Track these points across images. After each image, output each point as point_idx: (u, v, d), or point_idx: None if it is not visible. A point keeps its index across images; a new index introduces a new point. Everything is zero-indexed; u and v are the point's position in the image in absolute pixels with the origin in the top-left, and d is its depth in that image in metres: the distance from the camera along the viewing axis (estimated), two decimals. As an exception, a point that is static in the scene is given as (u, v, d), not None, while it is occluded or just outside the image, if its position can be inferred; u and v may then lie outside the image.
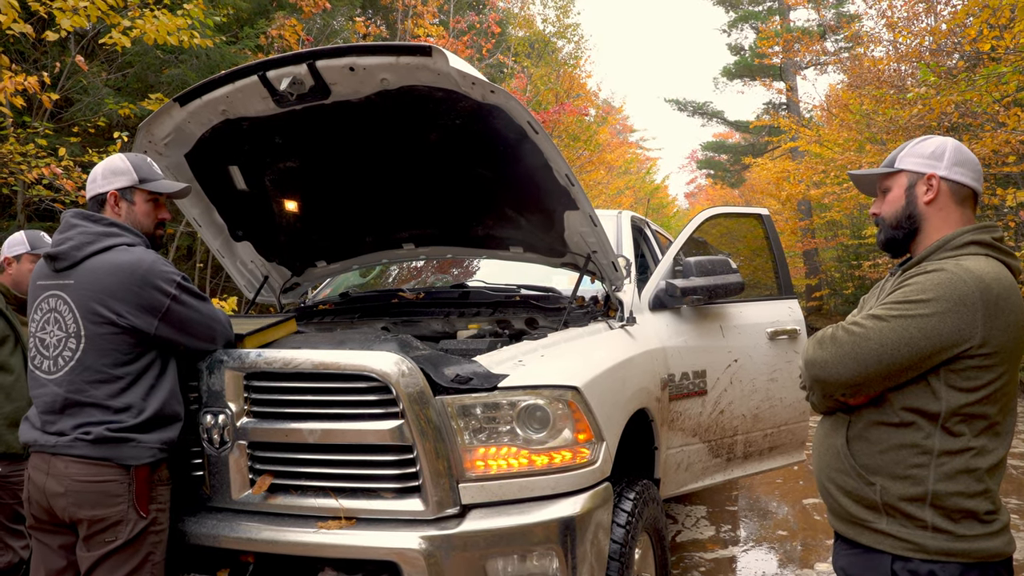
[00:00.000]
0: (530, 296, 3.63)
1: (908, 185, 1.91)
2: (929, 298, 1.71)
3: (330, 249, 4.04)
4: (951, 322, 1.68)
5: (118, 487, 2.24)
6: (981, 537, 1.72)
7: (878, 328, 1.73)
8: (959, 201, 1.88)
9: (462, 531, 2.33)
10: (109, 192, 2.47)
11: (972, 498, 1.72)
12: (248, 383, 2.54)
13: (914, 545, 1.74)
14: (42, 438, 2.29)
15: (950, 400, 1.72)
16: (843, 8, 23.61)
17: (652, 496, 3.03)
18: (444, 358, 2.58)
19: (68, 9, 5.65)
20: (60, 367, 2.29)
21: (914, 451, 1.75)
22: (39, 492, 2.28)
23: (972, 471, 1.72)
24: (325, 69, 2.83)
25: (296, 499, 2.50)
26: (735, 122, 31.29)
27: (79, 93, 7.58)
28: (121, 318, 2.26)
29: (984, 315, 1.68)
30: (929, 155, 1.90)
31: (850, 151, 15.59)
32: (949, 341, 1.69)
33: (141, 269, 2.30)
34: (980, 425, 1.73)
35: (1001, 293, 1.70)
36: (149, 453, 2.29)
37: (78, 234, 2.35)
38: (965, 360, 1.70)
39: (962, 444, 1.72)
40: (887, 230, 1.97)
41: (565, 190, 3.06)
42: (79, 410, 2.26)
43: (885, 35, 13.36)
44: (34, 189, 6.54)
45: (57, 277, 2.34)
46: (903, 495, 1.75)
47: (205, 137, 3.25)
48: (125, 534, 2.25)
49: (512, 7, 18.55)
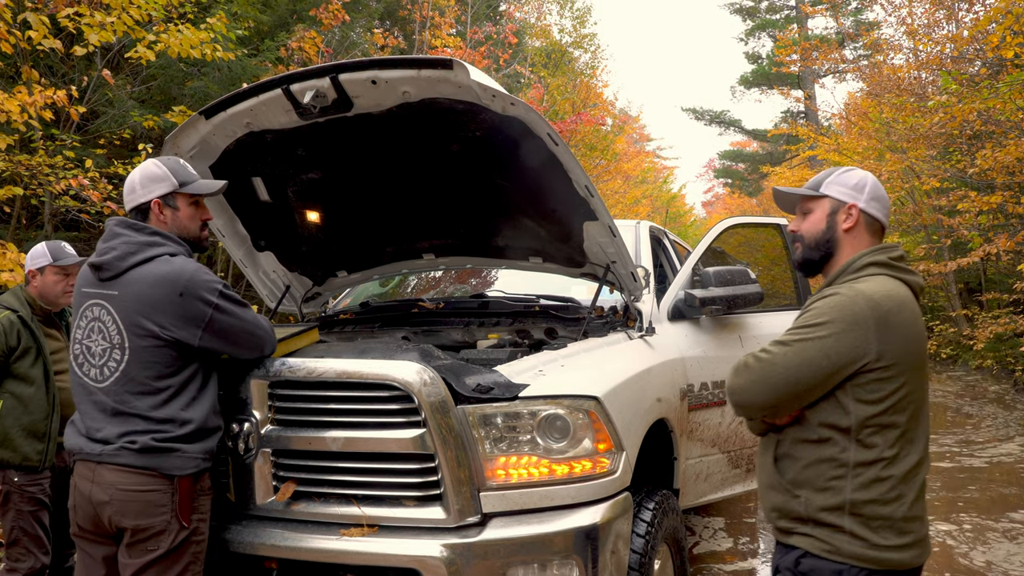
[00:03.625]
0: (549, 306, 3.65)
1: (831, 211, 2.06)
2: (825, 321, 1.85)
3: (351, 259, 4.08)
4: (847, 341, 1.82)
5: (162, 497, 2.25)
6: (894, 548, 1.83)
7: (782, 353, 1.88)
8: (871, 232, 2.04)
9: (483, 539, 2.35)
10: (152, 201, 2.47)
11: (887, 505, 1.83)
12: (272, 391, 2.59)
13: (831, 547, 1.86)
14: (88, 446, 2.30)
15: (859, 412, 1.84)
16: (862, 16, 23.50)
17: (671, 506, 3.04)
18: (465, 368, 2.60)
19: (96, 24, 5.77)
20: (107, 376, 2.31)
21: (832, 464, 1.87)
22: (85, 500, 2.29)
23: (885, 479, 1.83)
24: (348, 82, 2.88)
25: (319, 506, 2.54)
26: (753, 131, 31.19)
27: (105, 106, 7.71)
28: (165, 330, 2.28)
29: (876, 331, 1.82)
30: (852, 186, 2.05)
31: (869, 159, 15.48)
32: (847, 358, 1.82)
33: (183, 280, 2.31)
34: (893, 434, 1.84)
35: (891, 309, 1.84)
36: (193, 463, 2.30)
37: (122, 243, 2.37)
38: (866, 374, 1.83)
39: (875, 455, 1.84)
40: (806, 250, 2.10)
41: (584, 201, 3.08)
42: (125, 419, 2.28)
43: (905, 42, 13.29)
44: (61, 200, 6.65)
45: (101, 286, 2.36)
46: (823, 506, 1.87)
47: (229, 149, 3.31)
48: (167, 544, 2.26)
49: (529, 17, 18.66)
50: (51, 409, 3.29)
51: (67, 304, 3.45)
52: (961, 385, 12.51)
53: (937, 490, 6.27)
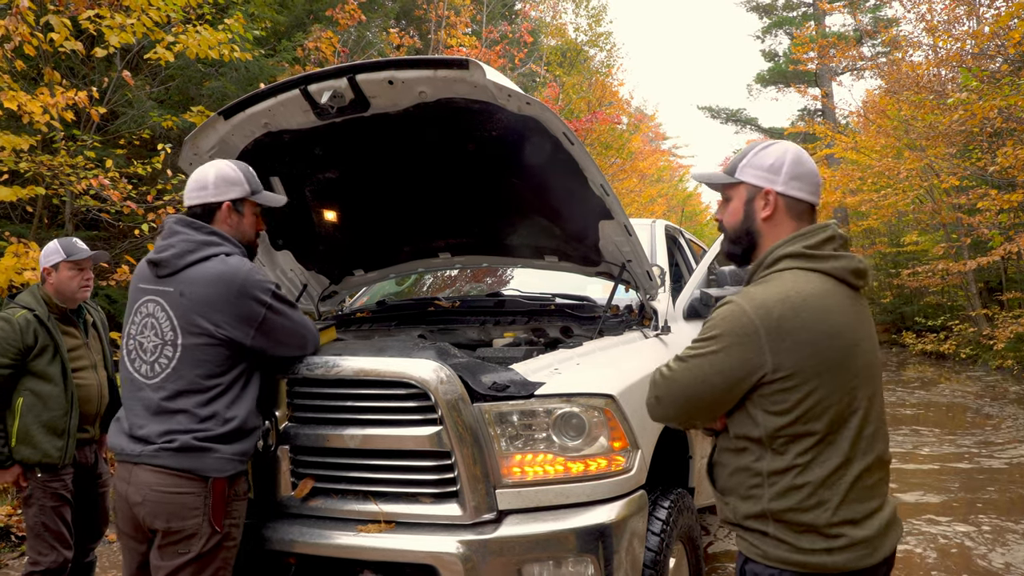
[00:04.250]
0: (565, 305, 3.65)
1: (747, 199, 1.89)
2: (715, 335, 1.75)
3: (368, 258, 4.11)
4: (736, 355, 1.71)
5: (195, 499, 2.26)
6: (820, 552, 1.73)
7: (680, 369, 1.81)
8: (795, 216, 1.86)
9: (499, 536, 2.37)
10: (224, 203, 2.52)
11: (808, 512, 1.73)
12: (291, 389, 2.61)
13: (760, 551, 1.80)
14: (128, 446, 2.32)
15: (767, 424, 1.74)
16: (880, 12, 23.30)
17: (687, 505, 3.03)
18: (481, 366, 2.62)
19: (116, 26, 5.84)
20: (157, 373, 2.33)
21: (749, 474, 1.80)
22: (123, 501, 2.32)
23: (801, 487, 1.73)
24: (365, 83, 2.90)
25: (337, 503, 2.56)
26: (769, 129, 30.98)
27: (124, 106, 7.80)
28: (219, 329, 2.30)
29: (768, 342, 1.69)
30: (767, 168, 1.86)
31: (888, 157, 15.37)
32: (740, 373, 1.72)
33: (239, 279, 2.34)
34: (808, 442, 1.73)
35: (784, 314, 1.69)
36: (230, 465, 2.31)
37: (180, 241, 2.39)
38: (767, 386, 1.71)
39: (787, 463, 1.74)
40: (728, 243, 1.98)
41: (600, 200, 3.09)
42: (169, 417, 2.29)
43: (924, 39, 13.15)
44: (82, 199, 6.74)
45: (158, 283, 2.38)
46: (748, 513, 1.81)
47: (248, 149, 3.33)
48: (198, 547, 2.27)
49: (544, 16, 18.64)
50: (70, 406, 3.34)
51: (84, 299, 3.49)
52: (981, 385, 12.39)
53: (955, 491, 6.22)
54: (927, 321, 17.40)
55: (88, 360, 3.51)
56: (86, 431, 3.47)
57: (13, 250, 5.32)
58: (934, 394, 11.80)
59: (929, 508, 5.76)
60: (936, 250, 15.48)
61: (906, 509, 5.73)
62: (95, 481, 3.57)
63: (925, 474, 6.86)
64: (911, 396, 11.59)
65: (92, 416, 3.49)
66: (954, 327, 15.77)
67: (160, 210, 6.92)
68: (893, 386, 12.63)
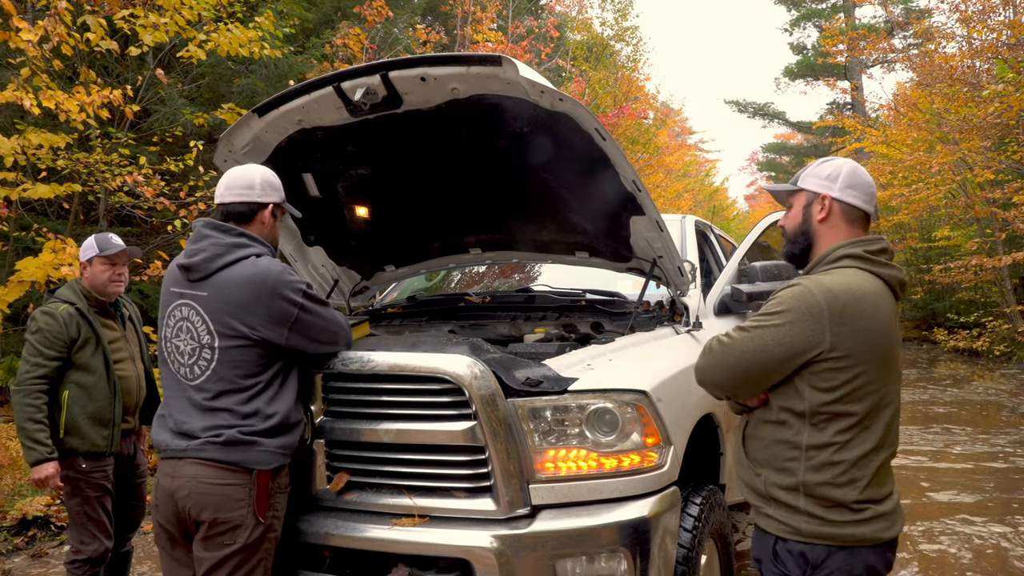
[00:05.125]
0: (595, 300, 3.65)
1: (806, 204, 2.11)
2: (782, 310, 1.93)
3: (399, 254, 4.14)
4: (799, 330, 1.89)
5: (240, 491, 2.29)
6: (849, 523, 1.90)
7: (740, 338, 1.98)
8: (849, 220, 2.06)
9: (533, 531, 2.37)
10: (269, 205, 2.58)
11: (839, 488, 1.90)
12: (326, 383, 2.64)
13: (791, 528, 1.95)
14: (172, 442, 2.36)
15: (812, 399, 1.91)
16: (912, 3, 22.88)
17: (718, 501, 3.02)
18: (514, 361, 2.63)
19: (149, 25, 5.93)
20: (197, 375, 2.37)
21: (787, 446, 1.96)
22: (167, 497, 2.35)
23: (837, 463, 1.90)
24: (398, 79, 2.91)
25: (371, 496, 2.59)
26: (797, 123, 30.64)
27: (157, 104, 7.93)
28: (254, 331, 2.34)
29: (831, 323, 1.87)
30: (825, 177, 2.08)
31: (919, 151, 15.11)
32: (799, 347, 1.89)
33: (271, 280, 2.36)
34: (847, 422, 1.90)
35: (848, 303, 1.88)
36: (273, 458, 2.35)
37: (210, 245, 2.42)
38: (820, 363, 1.89)
39: (826, 439, 1.91)
40: (787, 244, 2.17)
41: (632, 195, 3.08)
42: (213, 414, 2.33)
43: (958, 30, 12.91)
44: (116, 196, 6.86)
45: (190, 287, 2.42)
46: (780, 484, 1.97)
47: (281, 146, 3.37)
48: (243, 538, 2.30)
49: (570, 11, 18.58)
50: (113, 396, 3.41)
51: (116, 293, 3.54)
52: (1016, 383, 12.15)
53: (991, 491, 6.12)
54: (959, 318, 17.10)
55: (127, 352, 3.58)
56: (127, 421, 3.55)
57: (51, 246, 5.44)
58: (967, 392, 11.60)
59: (963, 508, 5.67)
60: (969, 245, 15.19)
61: (939, 508, 5.65)
62: (133, 471, 3.65)
63: (958, 473, 6.76)
64: (943, 394, 11.41)
65: (132, 407, 3.57)
66: (987, 324, 15.48)
67: (192, 206, 7.03)
68: (924, 383, 12.44)
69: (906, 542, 4.85)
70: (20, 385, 3.26)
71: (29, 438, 3.22)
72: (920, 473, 6.72)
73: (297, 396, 2.48)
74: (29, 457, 3.24)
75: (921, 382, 12.58)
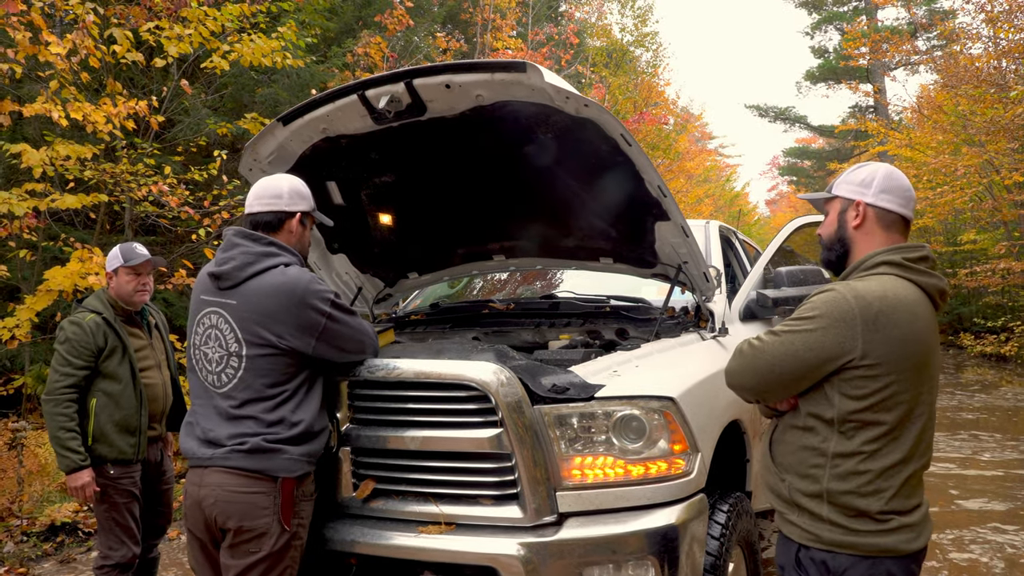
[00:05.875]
0: (620, 307, 3.63)
1: (840, 210, 2.09)
2: (814, 315, 1.90)
3: (422, 261, 4.14)
4: (832, 336, 1.86)
5: (265, 499, 2.30)
6: (872, 533, 1.87)
7: (772, 342, 1.96)
8: (885, 226, 2.03)
9: (560, 539, 2.36)
10: (297, 213, 2.59)
11: (864, 497, 1.87)
12: (352, 391, 2.65)
13: (813, 536, 1.93)
14: (199, 450, 2.38)
15: (842, 407, 1.88)
16: (935, 5, 22.64)
17: (745, 509, 2.99)
18: (540, 368, 2.62)
19: (174, 37, 6.01)
20: (224, 383, 2.39)
21: (814, 453, 1.94)
22: (194, 505, 2.37)
23: (862, 473, 1.87)
24: (422, 87, 2.92)
25: (397, 504, 2.59)
26: (819, 127, 30.38)
27: (181, 115, 8.01)
28: (282, 340, 2.35)
29: (863, 330, 1.84)
30: (859, 183, 2.06)
31: (944, 154, 14.92)
32: (831, 353, 1.86)
33: (299, 290, 2.37)
34: (876, 431, 1.87)
35: (883, 310, 1.84)
36: (298, 466, 2.35)
37: (240, 254, 2.44)
38: (852, 371, 1.86)
39: (853, 448, 1.88)
40: (824, 250, 2.15)
41: (657, 201, 3.06)
42: (239, 422, 2.35)
43: (984, 31, 12.74)
44: (141, 205, 6.94)
45: (220, 295, 2.43)
46: (804, 491, 1.95)
47: (306, 154, 3.39)
48: (269, 546, 2.31)
49: (590, 17, 18.60)
50: (139, 404, 3.45)
51: (142, 302, 3.58)
52: (1046, 389, 11.93)
53: (1022, 499, 6.00)
54: (986, 322, 16.82)
55: (153, 360, 3.62)
56: (153, 429, 3.58)
57: (78, 255, 5.51)
58: (996, 397, 11.40)
59: (994, 516, 5.57)
60: (996, 249, 14.96)
61: (969, 517, 5.55)
62: (160, 478, 3.68)
63: (988, 480, 6.64)
64: (971, 400, 11.22)
65: (158, 414, 3.60)
66: (1016, 328, 15.21)
67: (216, 215, 7.10)
68: (952, 389, 12.24)
69: (936, 551, 4.77)
70: (50, 395, 3.31)
71: (62, 446, 3.26)
72: (949, 480, 6.60)
73: (322, 404, 2.48)
74: (63, 465, 3.28)
75: (948, 388, 12.38)
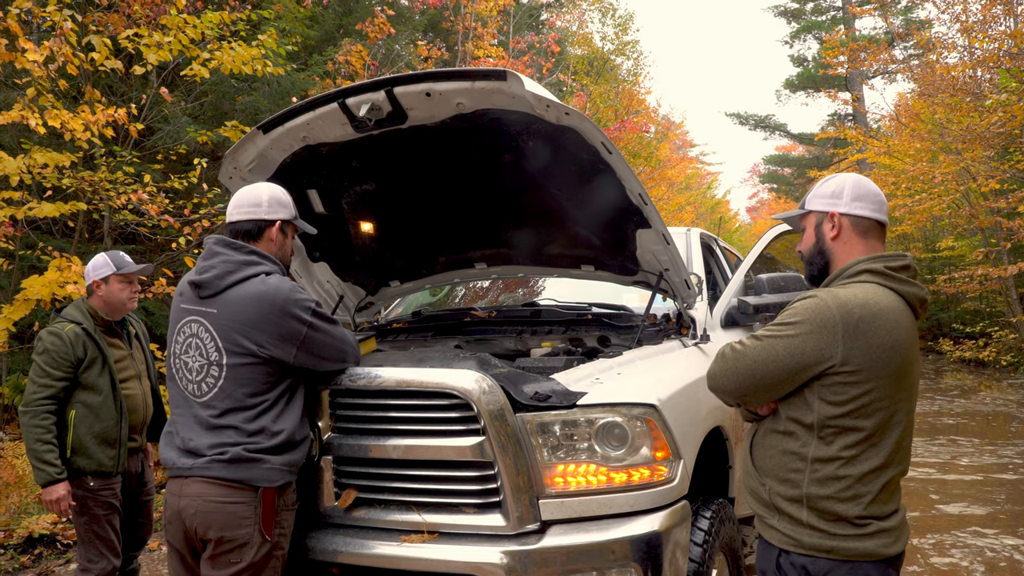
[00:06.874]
0: (602, 314, 3.64)
1: (816, 224, 2.12)
2: (796, 321, 1.92)
3: (404, 269, 4.13)
4: (813, 342, 1.88)
5: (245, 509, 2.29)
6: (851, 538, 1.90)
7: (754, 346, 1.98)
8: (862, 233, 2.05)
9: (543, 547, 2.35)
10: (277, 222, 2.57)
11: (843, 502, 1.89)
12: (333, 400, 2.63)
13: (793, 540, 1.95)
14: (179, 460, 2.35)
15: (821, 412, 1.91)
16: (912, 14, 22.99)
17: (728, 515, 3.00)
18: (522, 376, 2.61)
19: (153, 45, 5.97)
20: (204, 392, 2.37)
21: (793, 457, 1.96)
22: (175, 515, 2.34)
23: (841, 478, 1.90)
24: (403, 95, 2.91)
25: (379, 513, 2.57)
26: (799, 135, 30.70)
27: (160, 122, 7.96)
28: (263, 349, 2.33)
29: (844, 337, 1.86)
30: (831, 194, 2.09)
31: (922, 162, 15.12)
32: (812, 359, 1.88)
33: (280, 299, 2.36)
34: (854, 437, 1.90)
35: (863, 317, 1.86)
36: (279, 476, 2.34)
37: (221, 262, 2.42)
38: (831, 376, 1.88)
39: (832, 453, 1.91)
40: (806, 266, 2.17)
41: (638, 209, 3.08)
42: (219, 432, 2.33)
43: (959, 40, 12.95)
44: (120, 214, 6.88)
45: (200, 304, 2.42)
46: (784, 495, 1.97)
47: (286, 163, 3.37)
48: (250, 556, 2.29)
49: (571, 26, 18.69)
50: (119, 416, 3.40)
51: (132, 309, 3.56)
52: (1023, 394, 12.09)
53: (1001, 503, 6.07)
54: (965, 328, 17.04)
55: (133, 370, 3.58)
56: (134, 440, 3.53)
57: (56, 264, 5.45)
58: (975, 402, 11.53)
59: (974, 520, 5.62)
60: (974, 255, 15.17)
61: (950, 521, 5.59)
62: (141, 489, 3.63)
63: (967, 485, 6.70)
64: (951, 404, 11.35)
65: (139, 425, 3.56)
66: (994, 334, 15.42)
67: (196, 223, 7.05)
68: (932, 394, 12.37)
69: (917, 555, 4.81)
70: (28, 406, 3.25)
71: (39, 459, 3.21)
72: (929, 485, 6.67)
73: (303, 413, 2.47)
74: (39, 478, 3.22)
75: (928, 393, 12.51)
